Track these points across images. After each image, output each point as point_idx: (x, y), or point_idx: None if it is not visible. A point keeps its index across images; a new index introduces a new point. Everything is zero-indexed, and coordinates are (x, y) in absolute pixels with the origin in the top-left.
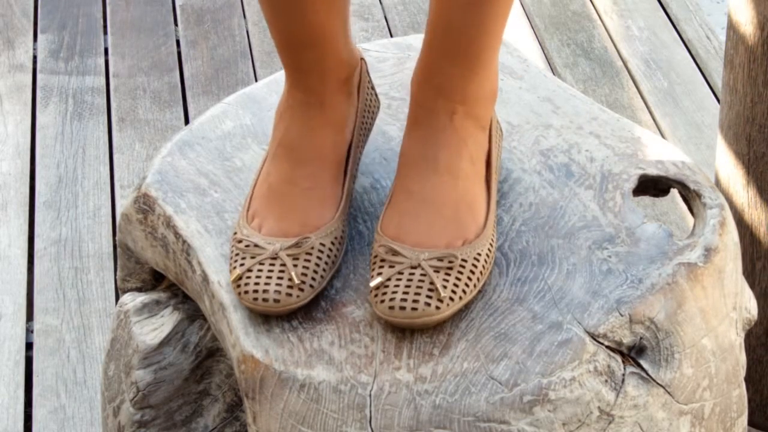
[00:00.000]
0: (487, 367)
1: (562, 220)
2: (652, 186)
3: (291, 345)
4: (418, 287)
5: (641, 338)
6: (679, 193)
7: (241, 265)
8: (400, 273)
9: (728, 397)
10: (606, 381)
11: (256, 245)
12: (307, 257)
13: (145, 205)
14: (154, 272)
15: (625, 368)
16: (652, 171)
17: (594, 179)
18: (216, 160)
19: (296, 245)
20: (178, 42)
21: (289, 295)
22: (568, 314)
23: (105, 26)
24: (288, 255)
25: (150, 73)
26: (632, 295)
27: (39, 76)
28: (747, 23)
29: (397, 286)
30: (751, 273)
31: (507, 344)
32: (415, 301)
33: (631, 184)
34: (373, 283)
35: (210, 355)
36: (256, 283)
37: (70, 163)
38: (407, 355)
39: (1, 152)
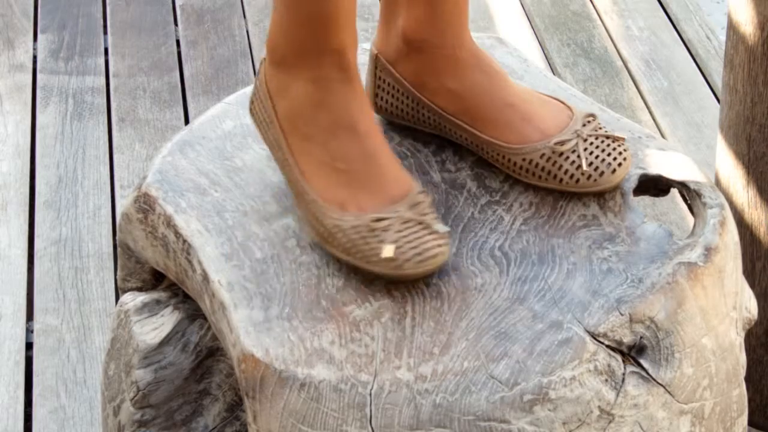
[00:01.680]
0: (487, 366)
1: (563, 220)
2: (652, 186)
3: (291, 344)
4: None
5: (641, 337)
6: (679, 192)
7: (381, 240)
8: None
9: (728, 396)
10: (606, 380)
11: (378, 219)
12: (427, 211)
13: (145, 204)
14: (154, 272)
15: (625, 367)
16: (652, 171)
17: None
18: (216, 160)
19: (413, 205)
20: (178, 42)
21: (440, 245)
22: (568, 313)
23: (105, 26)
24: (416, 213)
25: (150, 73)
26: (632, 295)
27: (39, 76)
28: (747, 23)
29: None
30: (751, 273)
31: (507, 343)
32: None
33: (631, 183)
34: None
35: (210, 355)
36: (414, 247)
37: (70, 163)
38: (407, 354)
39: (1, 152)
